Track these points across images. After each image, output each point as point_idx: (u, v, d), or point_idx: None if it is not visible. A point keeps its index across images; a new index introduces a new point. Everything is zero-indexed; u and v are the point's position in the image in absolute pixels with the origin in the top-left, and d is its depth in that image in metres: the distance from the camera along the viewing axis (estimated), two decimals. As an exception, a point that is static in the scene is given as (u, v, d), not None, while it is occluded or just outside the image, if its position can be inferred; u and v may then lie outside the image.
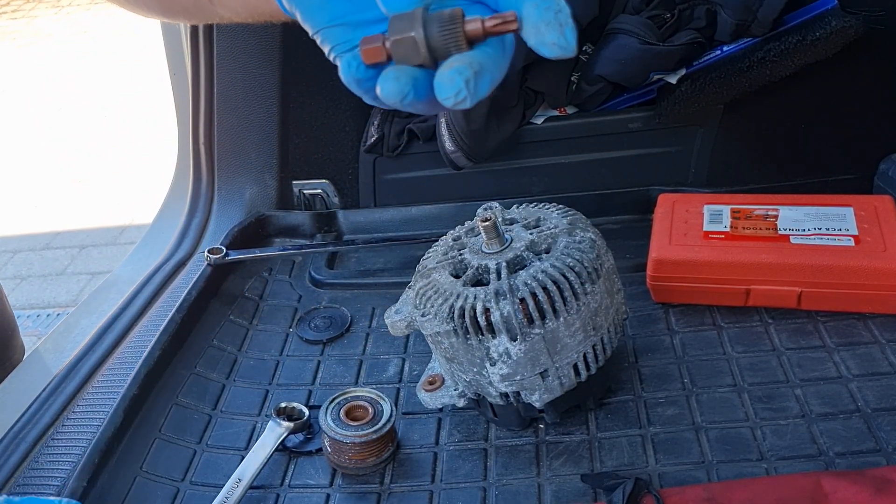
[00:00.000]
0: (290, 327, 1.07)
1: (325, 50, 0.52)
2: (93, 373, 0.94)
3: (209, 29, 1.18)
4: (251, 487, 0.79)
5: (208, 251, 1.11)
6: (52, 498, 0.67)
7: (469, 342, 0.76)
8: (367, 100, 0.50)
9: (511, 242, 0.80)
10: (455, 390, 0.85)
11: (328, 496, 0.80)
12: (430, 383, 0.87)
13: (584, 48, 1.23)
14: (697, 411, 0.84)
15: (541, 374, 0.77)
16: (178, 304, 1.04)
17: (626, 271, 1.01)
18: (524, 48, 1.24)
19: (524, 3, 0.42)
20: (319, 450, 0.85)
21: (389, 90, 0.46)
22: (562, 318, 0.75)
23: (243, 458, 0.82)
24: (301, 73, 1.23)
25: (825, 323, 0.93)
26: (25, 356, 1.09)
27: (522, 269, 0.77)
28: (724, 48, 1.14)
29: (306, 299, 1.12)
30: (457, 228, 0.89)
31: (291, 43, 1.20)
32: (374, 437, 0.80)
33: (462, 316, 0.75)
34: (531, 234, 0.81)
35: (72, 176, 3.77)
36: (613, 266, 0.83)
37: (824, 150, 1.19)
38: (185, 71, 1.26)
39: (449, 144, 1.18)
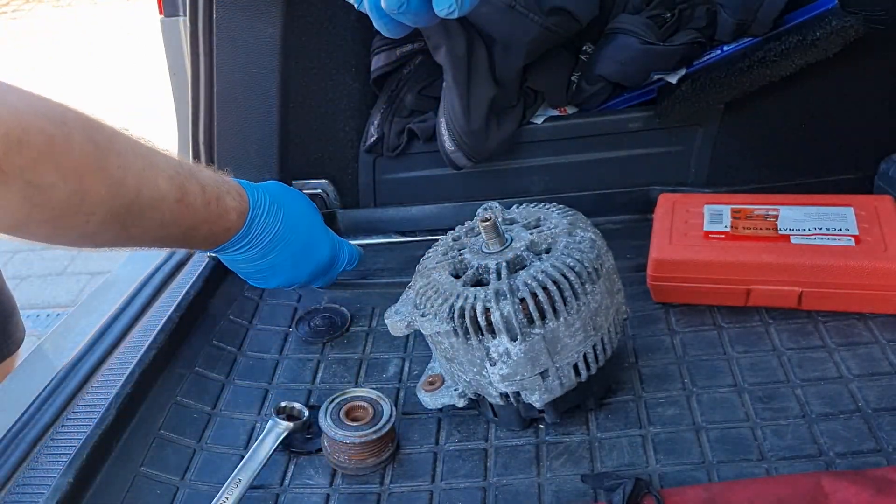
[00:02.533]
0: (290, 327, 1.07)
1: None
2: (92, 373, 0.94)
3: (209, 29, 1.18)
4: (251, 487, 0.79)
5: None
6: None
7: (469, 342, 0.76)
8: (378, 25, 0.72)
9: (511, 242, 0.80)
10: (455, 390, 0.84)
11: (328, 496, 0.80)
12: (430, 383, 0.87)
13: (584, 48, 1.23)
14: (698, 411, 0.84)
15: (541, 374, 0.77)
16: (177, 304, 1.04)
17: (627, 271, 1.01)
18: (524, 46, 1.24)
19: None
20: (319, 450, 0.85)
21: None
22: (562, 318, 0.75)
23: (243, 457, 0.82)
24: (301, 72, 1.23)
25: (825, 323, 0.93)
26: (25, 356, 1.09)
27: (522, 269, 0.77)
28: (725, 48, 1.14)
29: (306, 299, 1.12)
30: (457, 228, 0.89)
31: (292, 43, 1.20)
32: (374, 437, 0.80)
33: (462, 316, 0.75)
34: (531, 233, 0.81)
35: (71, 176, 3.77)
36: (614, 266, 0.82)
37: (825, 150, 1.19)
38: (185, 71, 1.26)
39: (449, 144, 1.18)
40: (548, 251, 0.79)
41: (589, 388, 0.82)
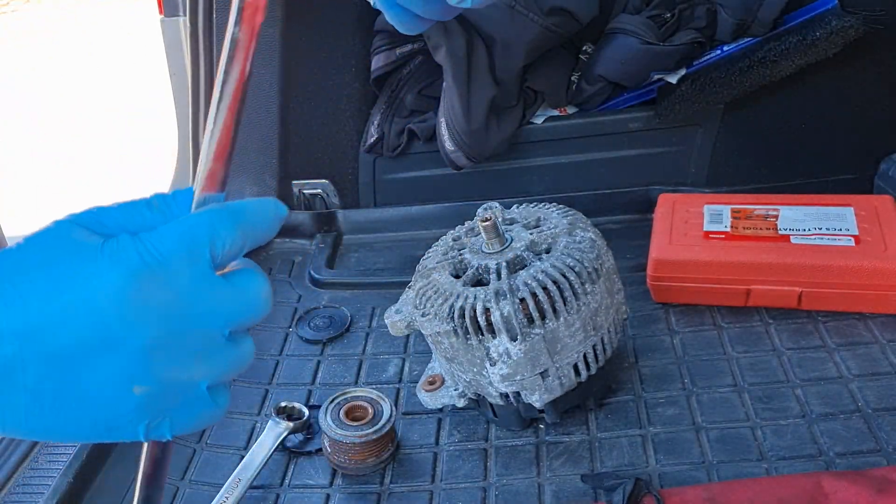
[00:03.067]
0: (290, 327, 1.07)
1: None
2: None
3: (209, 28, 1.18)
4: (251, 487, 0.79)
5: None
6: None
7: (469, 342, 0.76)
8: (392, 18, 0.60)
9: (511, 242, 0.80)
10: (455, 390, 0.84)
11: (328, 496, 0.80)
12: (430, 383, 0.87)
13: (584, 48, 1.23)
14: (698, 411, 0.84)
15: (541, 374, 0.77)
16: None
17: (627, 271, 1.01)
18: (524, 46, 1.24)
19: None
20: (319, 450, 0.85)
21: None
22: (562, 318, 0.75)
23: (243, 457, 0.82)
24: (301, 73, 1.23)
25: (825, 323, 0.93)
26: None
27: (522, 268, 0.77)
28: (725, 48, 1.14)
29: (306, 299, 1.12)
30: (457, 228, 0.89)
31: (291, 43, 1.20)
32: (374, 437, 0.80)
33: (462, 316, 0.75)
34: (531, 233, 0.81)
35: (71, 175, 3.77)
36: (614, 266, 0.82)
37: (825, 150, 1.19)
38: (185, 71, 1.26)
39: (449, 144, 1.18)
40: (548, 251, 0.79)
41: (589, 388, 0.82)
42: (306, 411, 0.87)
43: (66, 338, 0.33)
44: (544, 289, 0.74)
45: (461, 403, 0.84)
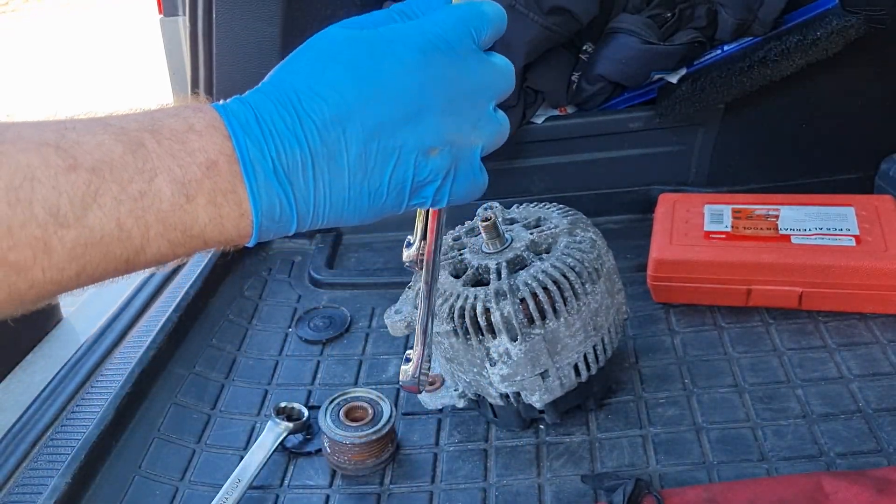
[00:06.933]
0: (290, 327, 1.06)
1: None
2: (92, 373, 0.94)
3: (209, 28, 1.18)
4: (250, 487, 0.79)
5: None
6: None
7: (469, 342, 0.76)
8: None
9: (511, 242, 0.79)
10: (455, 391, 0.84)
11: (328, 497, 0.80)
12: (430, 384, 0.87)
13: (584, 47, 1.22)
14: (698, 412, 0.83)
15: (541, 374, 0.77)
16: (176, 304, 1.03)
17: (627, 271, 1.01)
18: (524, 45, 1.23)
19: None
20: (319, 450, 0.84)
21: None
22: (562, 318, 0.74)
23: (242, 458, 0.82)
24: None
25: (826, 323, 0.93)
26: (25, 357, 1.08)
27: (523, 268, 0.77)
28: (725, 47, 1.14)
29: (306, 299, 1.12)
30: (457, 228, 0.89)
31: (291, 42, 1.20)
32: (374, 437, 0.80)
33: (462, 316, 0.75)
34: (531, 233, 0.81)
35: (71, 176, 3.78)
36: (614, 266, 0.82)
37: (825, 150, 1.19)
38: (185, 70, 1.26)
39: (449, 144, 1.18)
40: (548, 251, 0.79)
41: (589, 388, 0.82)
42: (306, 412, 0.87)
43: (380, 115, 0.39)
44: (545, 289, 0.74)
45: (461, 404, 0.84)
